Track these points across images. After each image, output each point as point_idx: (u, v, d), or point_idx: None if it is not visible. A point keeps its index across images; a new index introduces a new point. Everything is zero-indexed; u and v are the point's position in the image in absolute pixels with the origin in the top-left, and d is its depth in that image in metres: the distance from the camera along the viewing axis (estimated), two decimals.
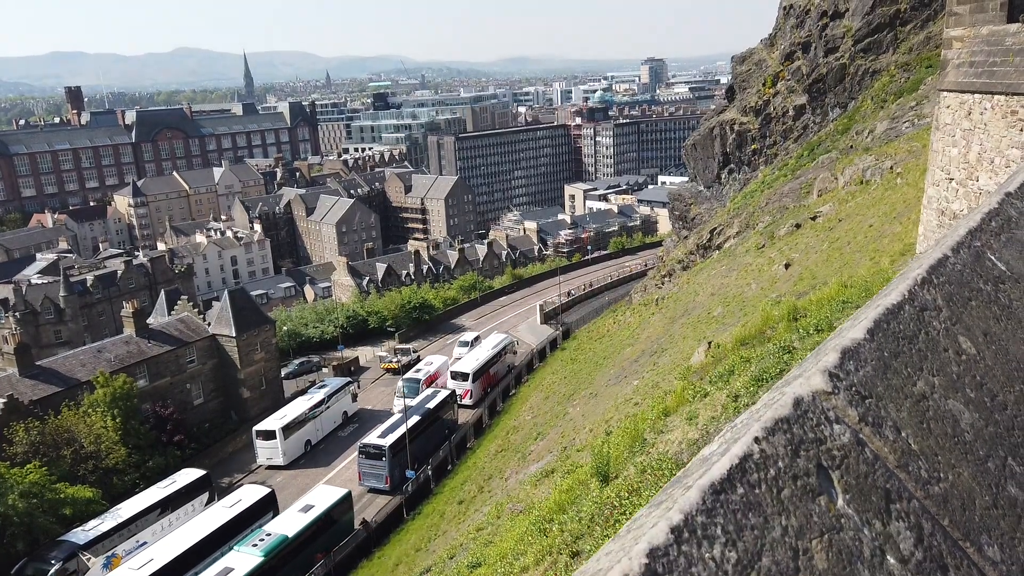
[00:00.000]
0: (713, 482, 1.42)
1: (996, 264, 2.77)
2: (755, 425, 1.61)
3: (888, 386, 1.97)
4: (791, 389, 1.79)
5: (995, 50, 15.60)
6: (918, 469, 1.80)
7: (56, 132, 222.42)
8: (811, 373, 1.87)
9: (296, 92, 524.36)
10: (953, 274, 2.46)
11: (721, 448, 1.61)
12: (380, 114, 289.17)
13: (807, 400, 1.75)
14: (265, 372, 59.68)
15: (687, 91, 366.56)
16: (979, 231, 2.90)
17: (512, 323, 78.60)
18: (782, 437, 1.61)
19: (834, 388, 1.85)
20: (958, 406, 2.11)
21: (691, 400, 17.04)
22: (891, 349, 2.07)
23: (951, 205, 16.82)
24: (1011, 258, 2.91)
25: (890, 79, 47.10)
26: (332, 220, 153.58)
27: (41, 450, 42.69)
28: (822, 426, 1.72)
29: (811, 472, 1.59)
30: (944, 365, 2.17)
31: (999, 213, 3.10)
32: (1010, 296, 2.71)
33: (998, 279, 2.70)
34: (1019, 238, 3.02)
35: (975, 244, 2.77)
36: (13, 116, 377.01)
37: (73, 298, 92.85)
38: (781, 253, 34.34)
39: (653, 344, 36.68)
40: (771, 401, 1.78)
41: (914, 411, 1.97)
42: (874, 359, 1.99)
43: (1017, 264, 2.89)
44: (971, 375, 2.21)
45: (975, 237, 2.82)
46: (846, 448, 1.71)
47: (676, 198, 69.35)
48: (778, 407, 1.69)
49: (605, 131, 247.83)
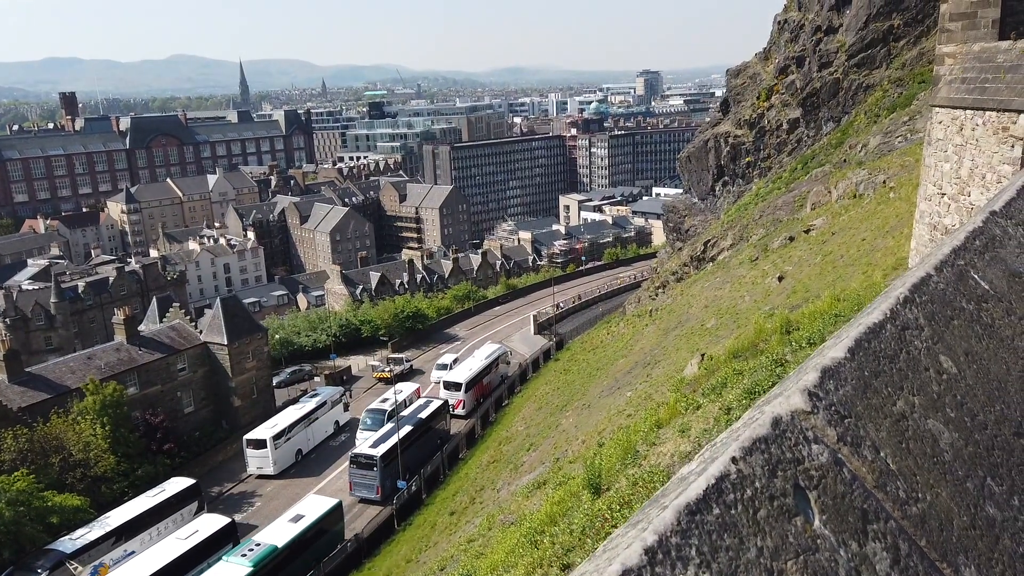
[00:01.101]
0: (689, 503, 1.41)
1: (979, 283, 2.77)
2: (733, 445, 1.61)
3: (868, 405, 1.97)
4: (771, 408, 1.79)
5: (987, 67, 15.73)
6: (896, 489, 1.80)
7: (50, 138, 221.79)
8: (791, 392, 1.87)
9: (292, 100, 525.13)
10: (936, 293, 2.46)
11: (699, 467, 1.60)
12: (376, 123, 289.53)
13: (786, 420, 1.75)
14: (257, 381, 59.41)
15: (682, 103, 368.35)
16: (963, 250, 2.90)
17: (506, 333, 78.53)
18: (760, 457, 1.61)
19: (813, 407, 1.85)
20: (938, 425, 2.11)
21: (684, 412, 17.03)
22: (872, 368, 2.07)
23: (943, 220, 16.91)
24: (995, 277, 2.92)
25: (883, 94, 47.44)
26: (326, 228, 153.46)
27: (29, 458, 42.33)
28: (800, 446, 1.72)
29: (788, 492, 1.59)
30: (925, 384, 2.17)
31: (984, 232, 3.11)
32: (992, 315, 2.71)
33: (981, 298, 2.71)
34: (1003, 257, 3.03)
35: (959, 263, 2.78)
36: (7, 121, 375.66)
37: (64, 304, 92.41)
38: (775, 266, 34.43)
39: (646, 355, 36.67)
40: (750, 420, 1.77)
41: (893, 430, 1.97)
42: (854, 378, 1.99)
43: (1000, 283, 2.90)
44: (951, 394, 2.21)
45: (959, 256, 2.83)
46: (824, 468, 1.71)
47: (670, 210, 69.56)
48: (757, 426, 1.69)
49: (600, 142, 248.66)
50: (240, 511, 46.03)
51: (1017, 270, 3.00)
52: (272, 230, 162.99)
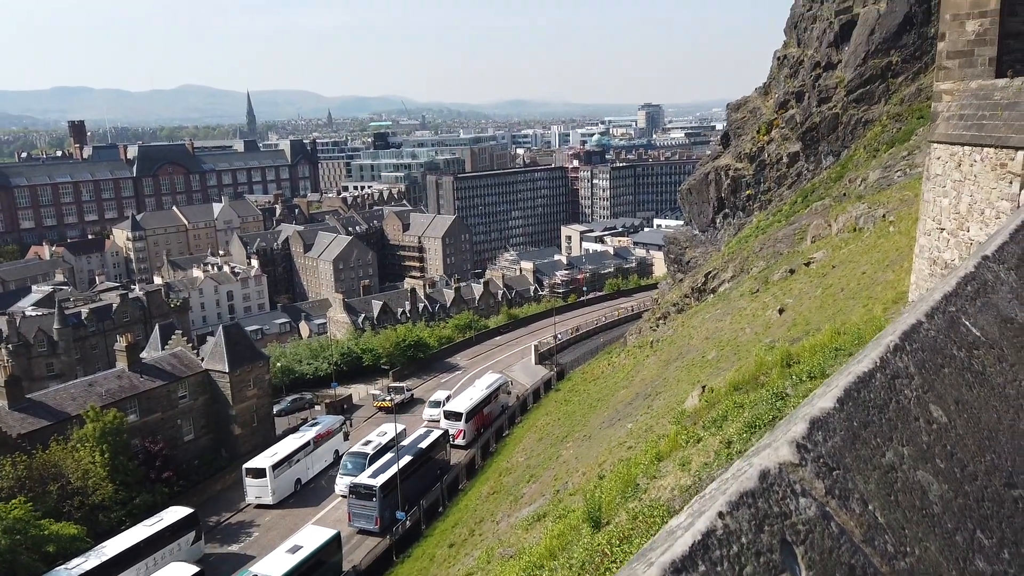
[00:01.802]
0: (674, 559, 1.42)
1: (971, 330, 2.80)
2: (720, 499, 1.62)
3: (856, 457, 1.98)
4: (759, 460, 1.80)
5: (984, 104, 15.90)
6: (884, 543, 1.80)
7: (57, 165, 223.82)
8: (779, 444, 1.89)
9: (298, 130, 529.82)
10: (926, 340, 2.48)
11: (687, 521, 1.61)
12: (380, 153, 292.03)
13: (773, 472, 1.76)
14: (257, 409, 59.17)
15: (683, 136, 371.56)
16: (954, 296, 2.93)
17: (507, 363, 78.30)
18: (747, 511, 1.62)
19: (801, 460, 1.86)
20: (927, 477, 2.12)
21: (684, 445, 16.96)
22: (861, 419, 2.09)
23: (943, 255, 16.96)
24: (986, 324, 2.94)
25: (882, 129, 47.83)
26: (329, 257, 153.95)
27: (27, 485, 42.03)
28: (788, 499, 1.73)
29: (775, 548, 1.59)
30: (914, 435, 2.18)
31: (975, 277, 3.14)
32: (984, 362, 2.73)
33: (972, 345, 2.73)
34: (995, 303, 3.06)
35: (950, 309, 2.80)
36: (15, 149, 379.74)
37: (67, 331, 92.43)
38: (775, 298, 34.43)
39: (647, 387, 36.53)
40: (739, 472, 1.79)
41: (882, 483, 1.98)
42: (843, 429, 2.01)
43: (992, 329, 2.92)
44: (941, 445, 2.22)
45: (950, 302, 2.85)
46: (811, 522, 1.72)
47: (671, 241, 69.76)
48: (744, 480, 1.70)
49: (602, 174, 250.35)
50: (238, 541, 45.55)
51: (1009, 316, 3.02)
52: (276, 258, 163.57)
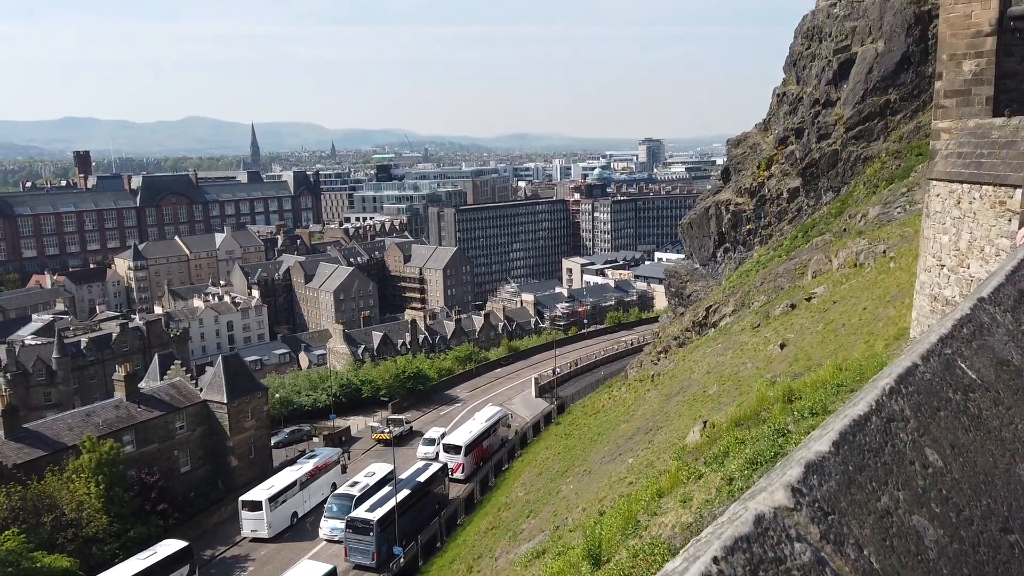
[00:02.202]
0: None
1: (967, 372, 2.81)
2: (715, 543, 1.63)
3: (852, 501, 1.99)
4: (754, 504, 1.81)
5: (982, 142, 16.08)
6: None
7: (61, 195, 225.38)
8: (775, 487, 1.90)
9: (302, 162, 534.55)
10: (922, 383, 2.50)
11: (682, 566, 1.62)
12: (383, 185, 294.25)
13: (768, 517, 1.77)
14: (255, 440, 58.78)
15: (683, 171, 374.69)
16: (950, 338, 2.95)
17: (507, 395, 77.94)
18: (741, 557, 1.63)
19: (796, 504, 1.87)
20: (923, 522, 2.12)
21: (685, 481, 16.84)
22: (856, 462, 2.10)
23: (943, 291, 16.99)
24: (982, 366, 2.96)
25: (881, 165, 48.23)
26: (330, 287, 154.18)
27: (21, 516, 41.59)
28: (783, 544, 1.74)
29: None
30: (910, 479, 2.18)
31: (971, 319, 3.17)
32: (980, 406, 2.74)
33: (968, 388, 2.74)
34: (991, 345, 3.08)
35: (945, 352, 2.82)
36: (20, 178, 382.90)
37: (66, 360, 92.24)
38: (776, 333, 34.40)
39: (648, 421, 36.33)
40: (734, 516, 1.80)
41: (877, 527, 1.98)
42: (838, 473, 2.02)
43: (988, 372, 2.93)
44: (937, 489, 2.23)
45: (946, 344, 2.88)
46: (806, 568, 1.72)
47: (672, 275, 69.91)
48: (739, 524, 1.71)
49: (603, 207, 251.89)
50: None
51: (1005, 358, 3.04)
52: (277, 288, 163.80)
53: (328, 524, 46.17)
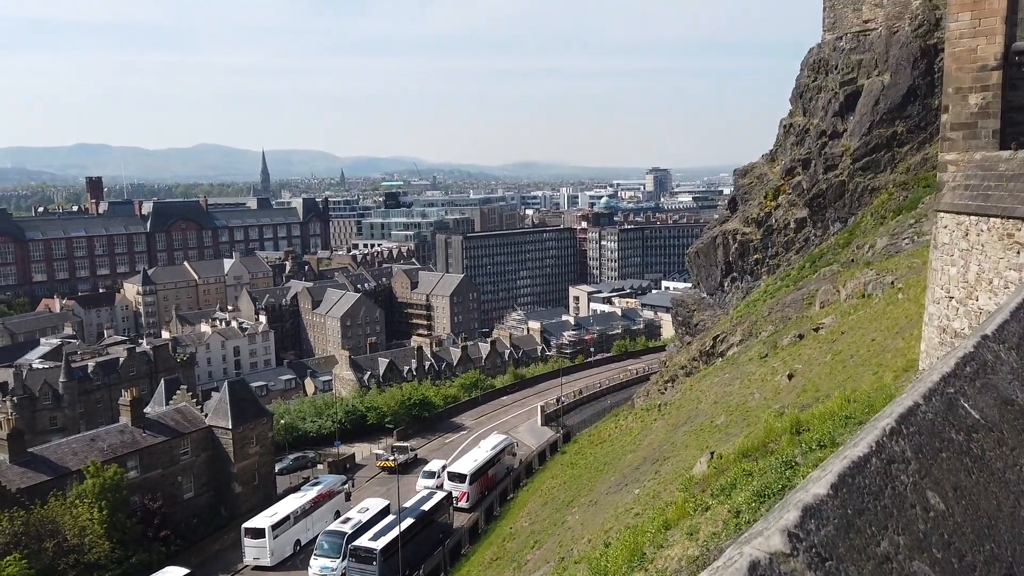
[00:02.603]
0: None
1: (970, 412, 2.77)
2: None
3: (850, 547, 1.95)
4: (749, 549, 1.78)
5: (989, 175, 16.08)
6: None
7: (73, 220, 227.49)
8: (771, 532, 1.86)
9: (311, 189, 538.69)
10: (924, 423, 2.46)
11: None
12: (391, 212, 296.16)
13: (764, 563, 1.73)
14: (259, 467, 58.50)
15: (691, 200, 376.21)
16: (953, 377, 2.91)
17: (512, 423, 77.49)
18: None
19: (793, 549, 1.83)
20: (924, 568, 2.07)
21: (692, 513, 16.64)
22: (855, 506, 2.06)
23: (952, 323, 16.88)
24: (986, 406, 2.91)
25: (889, 196, 48.23)
26: (337, 313, 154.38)
27: (23, 541, 41.35)
28: None
29: None
30: (910, 523, 2.14)
31: (974, 358, 3.12)
32: (983, 446, 2.69)
33: (971, 428, 2.70)
34: (995, 384, 3.03)
35: (948, 391, 2.78)
36: (33, 203, 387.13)
37: (72, 384, 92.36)
38: (784, 363, 34.17)
39: (655, 451, 36.01)
40: (729, 562, 1.77)
41: (876, 574, 1.93)
42: (837, 517, 1.98)
43: (992, 411, 2.89)
44: (939, 533, 2.18)
45: (948, 383, 2.83)
46: None
47: (679, 304, 69.73)
48: (734, 571, 1.68)
49: (610, 235, 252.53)
50: None
51: (1009, 397, 2.99)
52: (284, 314, 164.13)
53: (318, 563, 44.02)
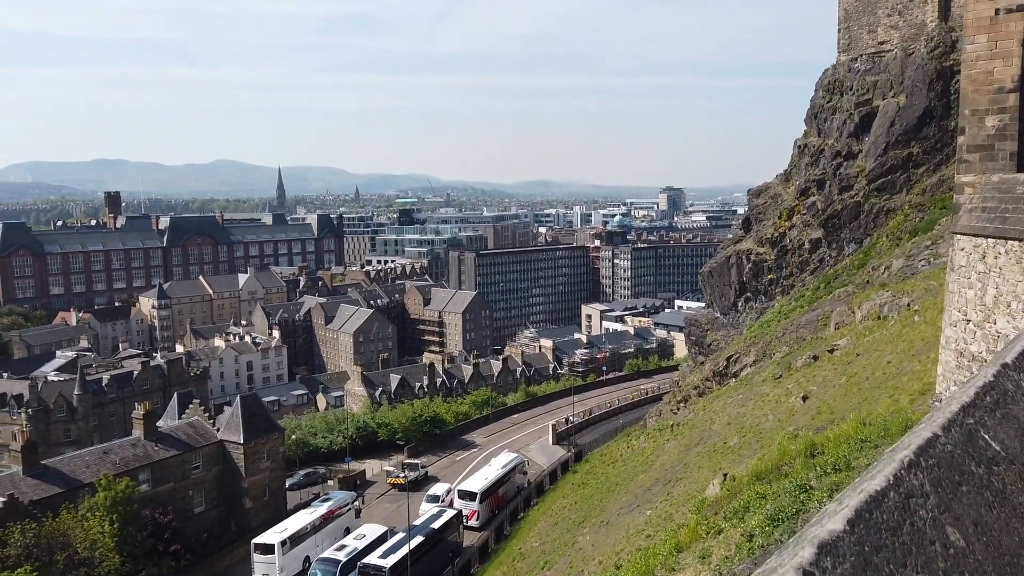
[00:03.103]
0: None
1: (990, 444, 2.71)
2: None
3: None
4: None
5: (1006, 197, 15.94)
6: None
7: (91, 234, 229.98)
8: (785, 570, 1.82)
9: (326, 205, 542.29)
10: (943, 456, 2.41)
11: None
12: (405, 228, 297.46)
13: None
14: (270, 482, 58.47)
15: (704, 219, 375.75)
16: (972, 407, 2.85)
17: (523, 442, 77.13)
18: None
19: None
20: None
21: (705, 536, 16.46)
22: (873, 543, 2.01)
23: (969, 347, 16.67)
24: (1006, 437, 2.84)
25: (905, 218, 47.91)
26: (350, 329, 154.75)
27: (35, 554, 41.46)
28: None
29: None
30: (930, 560, 2.08)
31: (995, 387, 3.05)
32: (1004, 480, 2.63)
33: (992, 461, 2.64)
34: (1016, 415, 2.96)
35: (967, 422, 2.72)
36: (52, 217, 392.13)
37: (87, 397, 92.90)
38: (798, 385, 33.85)
39: (667, 472, 35.69)
40: None
41: None
42: (853, 554, 1.93)
43: (1013, 443, 2.82)
44: (959, 571, 2.12)
45: (968, 414, 2.78)
46: None
47: (692, 323, 69.35)
48: None
49: (623, 254, 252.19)
50: None
51: None
52: (297, 329, 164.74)
53: None
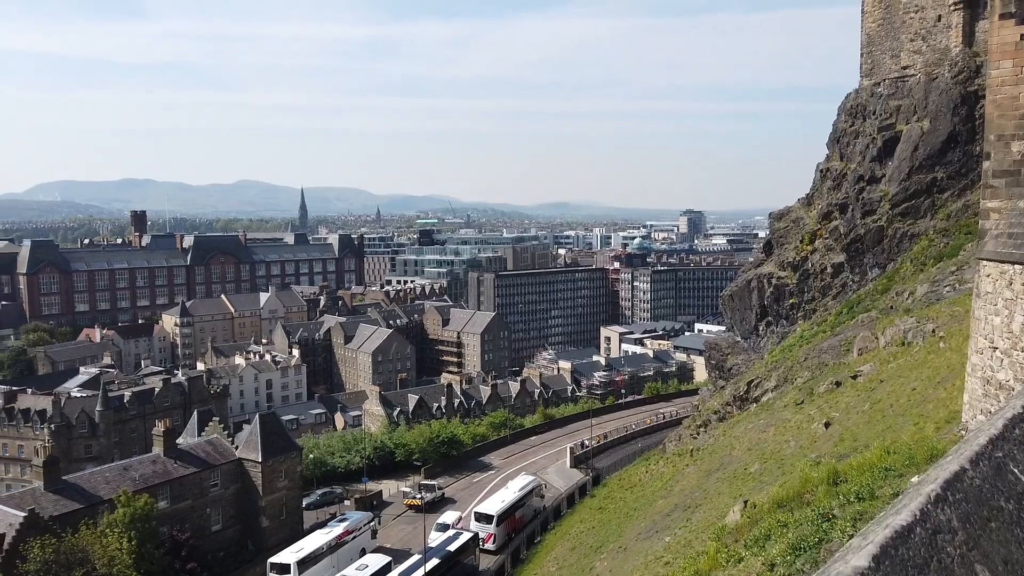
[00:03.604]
0: None
1: (1020, 478, 2.65)
2: None
3: None
4: None
5: None
6: None
7: (116, 252, 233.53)
8: None
9: (347, 225, 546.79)
10: (971, 490, 2.35)
11: None
12: (425, 249, 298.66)
13: None
14: (287, 501, 58.49)
15: (725, 243, 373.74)
16: (1001, 440, 2.79)
17: (541, 464, 76.60)
18: None
19: None
20: None
21: (724, 564, 16.23)
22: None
23: (996, 375, 16.37)
24: None
25: (929, 243, 47.35)
26: (369, 349, 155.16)
27: (53, 569, 41.67)
28: None
29: None
30: None
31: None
32: None
33: (1022, 496, 2.57)
34: None
35: (996, 455, 2.66)
36: (79, 236, 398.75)
37: (108, 413, 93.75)
38: (821, 411, 33.39)
39: (687, 498, 35.26)
40: None
41: None
42: None
43: None
44: None
45: (996, 446, 2.72)
46: None
47: (713, 347, 68.77)
48: None
49: (643, 276, 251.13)
50: None
51: None
52: (317, 348, 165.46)
53: None
